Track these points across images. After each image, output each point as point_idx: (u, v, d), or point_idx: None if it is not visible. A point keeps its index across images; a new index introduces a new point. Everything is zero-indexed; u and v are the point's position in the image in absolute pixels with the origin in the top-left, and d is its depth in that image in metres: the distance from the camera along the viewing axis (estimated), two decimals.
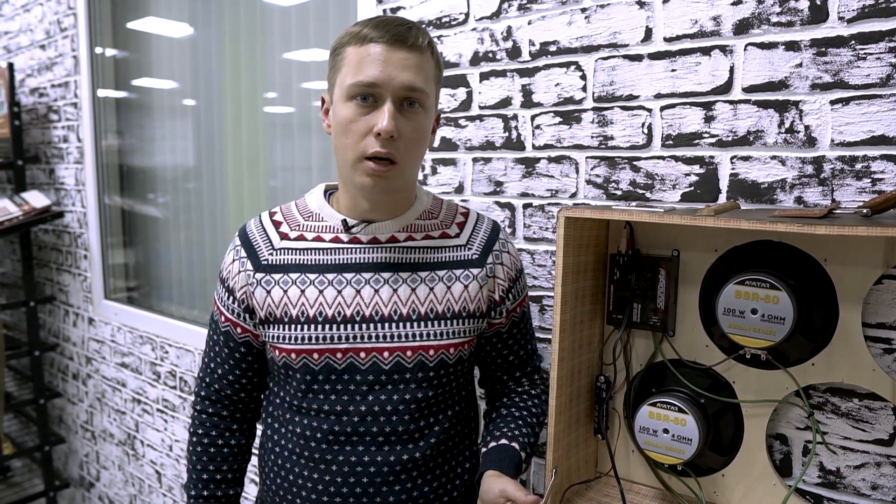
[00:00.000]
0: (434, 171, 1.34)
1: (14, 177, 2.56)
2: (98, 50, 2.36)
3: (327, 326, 0.91)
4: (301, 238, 0.94)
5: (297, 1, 1.72)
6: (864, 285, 0.87)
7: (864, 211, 0.76)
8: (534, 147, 1.19)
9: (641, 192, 1.08)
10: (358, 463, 0.93)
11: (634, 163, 1.08)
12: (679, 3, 1.01)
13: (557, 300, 0.94)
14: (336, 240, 0.93)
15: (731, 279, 0.90)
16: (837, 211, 0.81)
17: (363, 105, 0.84)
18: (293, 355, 0.92)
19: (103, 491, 2.61)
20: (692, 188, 1.03)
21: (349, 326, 0.91)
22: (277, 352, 0.93)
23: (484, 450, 0.97)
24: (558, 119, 1.16)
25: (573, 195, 1.15)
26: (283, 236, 0.95)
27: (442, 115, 1.32)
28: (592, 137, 1.12)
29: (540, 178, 1.19)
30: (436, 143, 1.34)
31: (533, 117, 1.19)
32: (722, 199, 1.01)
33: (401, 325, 0.92)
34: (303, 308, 0.91)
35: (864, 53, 0.88)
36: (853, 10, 0.88)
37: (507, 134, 1.22)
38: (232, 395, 1.03)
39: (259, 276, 0.94)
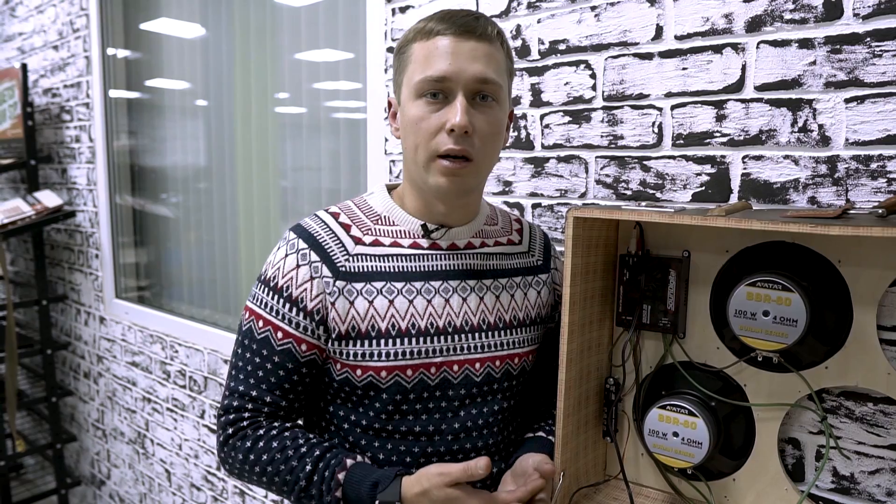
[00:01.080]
0: None
1: (27, 176, 2.59)
2: (110, 51, 2.37)
3: (421, 339, 0.85)
4: (377, 243, 0.87)
5: (307, 1, 1.72)
6: (880, 287, 0.85)
7: (880, 211, 0.74)
8: (543, 146, 1.18)
9: (652, 192, 1.07)
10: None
11: (645, 162, 1.07)
12: (690, 0, 1.00)
13: (566, 301, 0.93)
14: (415, 245, 0.88)
15: (743, 280, 0.89)
16: (852, 211, 0.79)
17: (433, 102, 0.80)
18: (383, 373, 0.84)
19: (114, 489, 2.62)
20: (703, 188, 1.02)
21: (442, 338, 0.86)
22: (359, 371, 0.84)
23: (526, 435, 0.98)
24: (567, 118, 1.15)
25: (582, 195, 1.14)
26: (357, 240, 0.87)
27: None
28: (602, 137, 1.11)
29: (549, 178, 1.18)
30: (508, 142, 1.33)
31: (542, 116, 1.18)
32: (733, 199, 0.99)
33: (490, 334, 0.90)
34: (393, 320, 0.84)
35: (880, 51, 0.86)
36: (869, 7, 0.86)
37: (515, 133, 1.22)
38: (284, 419, 0.88)
39: (340, 284, 0.84)
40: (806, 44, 0.91)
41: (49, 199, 2.47)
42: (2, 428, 2.49)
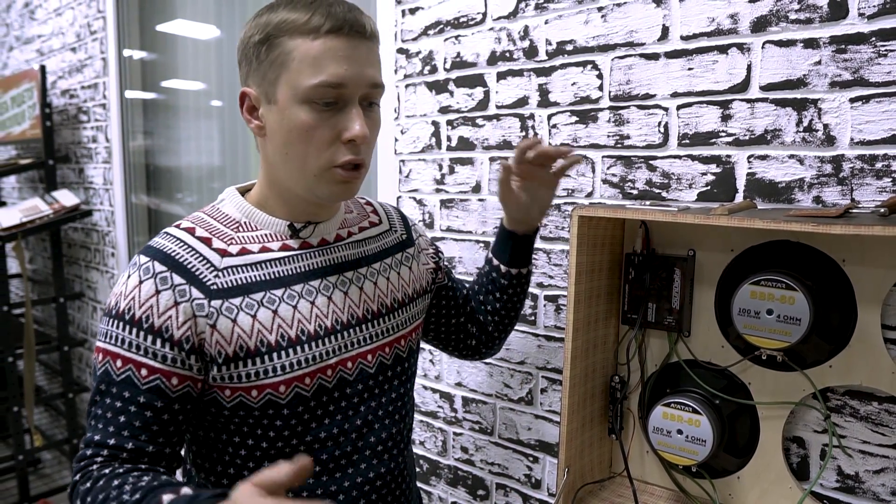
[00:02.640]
0: (451, 171, 1.35)
1: (45, 176, 2.63)
2: (126, 52, 2.41)
3: (313, 344, 0.81)
4: (245, 251, 0.81)
5: None
6: (884, 286, 0.86)
7: (882, 210, 0.74)
8: (550, 146, 1.19)
9: (658, 191, 1.07)
10: (364, 482, 0.86)
11: (651, 162, 1.08)
12: (696, 1, 1.01)
13: (571, 299, 0.94)
14: (286, 247, 0.83)
15: (747, 279, 0.89)
16: (854, 210, 0.80)
17: (325, 110, 0.75)
18: (282, 388, 0.79)
19: None
20: (709, 187, 1.02)
21: (333, 338, 0.83)
22: (255, 391, 0.78)
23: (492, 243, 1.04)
24: (575, 118, 1.16)
25: (589, 194, 1.15)
26: (223, 252, 0.79)
27: (460, 115, 1.33)
28: (609, 136, 1.12)
29: None
30: (454, 143, 1.34)
31: (549, 116, 1.19)
32: (739, 198, 1.00)
33: (375, 322, 0.88)
34: (281, 330, 0.79)
35: (885, 50, 0.86)
36: (874, 7, 0.86)
37: (523, 133, 1.23)
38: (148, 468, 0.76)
39: (216, 303, 0.76)
40: (811, 44, 0.92)
41: (66, 198, 2.52)
42: (20, 424, 2.54)
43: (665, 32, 1.04)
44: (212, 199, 2.18)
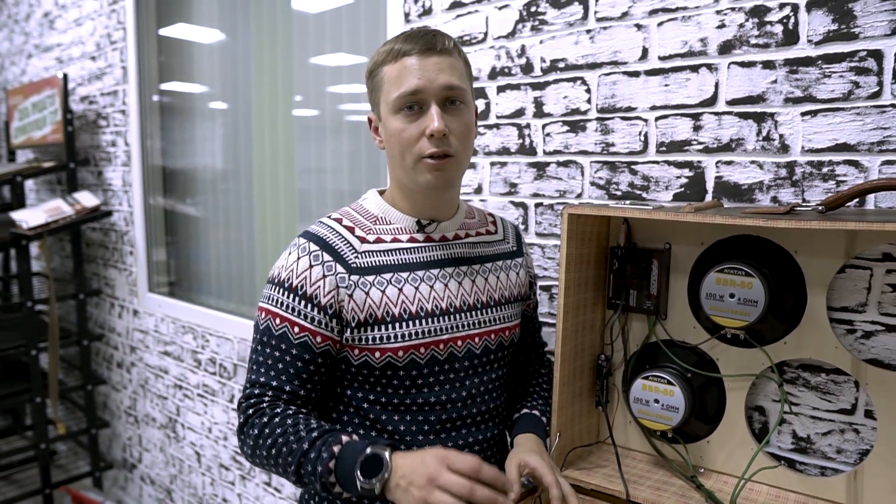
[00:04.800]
0: None
1: (66, 178, 2.77)
2: (145, 59, 2.55)
3: (428, 320, 0.97)
4: (379, 240, 0.99)
5: (333, 5, 1.88)
6: (829, 273, 1.00)
7: (820, 208, 0.89)
8: (544, 152, 1.34)
9: (639, 192, 1.22)
10: (465, 445, 1.02)
11: (632, 166, 1.22)
12: (671, 26, 1.15)
13: (561, 286, 1.08)
14: (413, 240, 1.00)
15: (713, 268, 1.04)
16: (799, 208, 0.94)
17: (410, 114, 0.92)
18: (400, 353, 0.95)
19: (145, 472, 2.80)
20: (682, 189, 1.17)
21: (446, 318, 0.98)
22: (378, 353, 0.95)
23: (516, 415, 1.12)
24: (566, 128, 1.30)
25: (579, 195, 1.30)
26: (363, 240, 0.98)
27: None
28: (596, 144, 1.26)
29: (550, 181, 1.34)
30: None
31: (544, 126, 1.33)
32: (708, 198, 1.14)
33: (483, 311, 1.03)
34: (404, 306, 0.96)
35: (830, 72, 1.01)
36: (820, 35, 1.01)
37: (520, 141, 1.37)
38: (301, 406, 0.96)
39: (355, 277, 0.94)
40: (769, 65, 1.06)
41: (87, 199, 2.65)
42: (43, 414, 2.67)
43: (645, 53, 1.19)
44: (225, 200, 2.32)
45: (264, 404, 0.92)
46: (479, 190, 1.46)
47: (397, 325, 0.95)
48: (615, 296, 1.19)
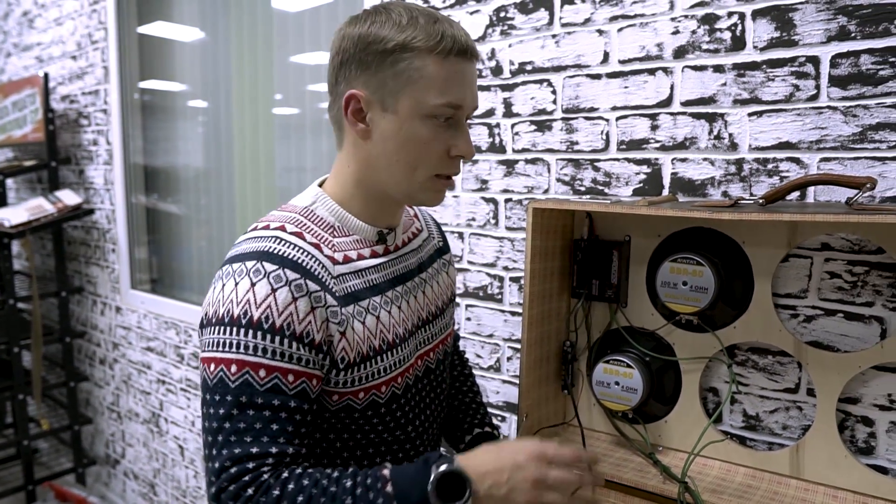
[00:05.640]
0: None
1: (48, 177, 2.79)
2: (125, 58, 2.58)
3: (403, 346, 0.87)
4: (348, 259, 0.84)
5: (311, 4, 1.93)
6: (773, 262, 1.08)
7: (761, 201, 0.97)
8: (513, 150, 1.41)
9: (601, 188, 1.29)
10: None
11: (595, 164, 1.29)
12: (630, 31, 1.23)
13: (527, 276, 1.15)
14: (374, 254, 0.87)
15: (668, 258, 1.11)
16: (743, 202, 1.02)
17: (440, 125, 0.80)
18: (382, 388, 0.84)
19: (128, 467, 2.83)
20: (641, 185, 1.24)
21: (413, 338, 0.90)
22: (362, 394, 0.82)
23: (469, 437, 1.06)
24: (533, 127, 1.37)
25: (546, 191, 1.37)
26: (333, 261, 0.82)
27: None
28: (561, 143, 1.34)
29: (518, 177, 1.41)
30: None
31: (513, 125, 1.40)
32: (665, 193, 1.22)
33: (433, 323, 0.95)
34: (382, 335, 0.83)
35: (773, 75, 1.09)
36: (764, 41, 1.09)
37: (491, 139, 1.44)
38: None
39: (346, 310, 0.80)
40: (719, 69, 1.14)
41: (69, 197, 2.68)
42: (25, 411, 2.69)
43: (606, 57, 1.26)
44: (207, 199, 2.36)
45: (265, 476, 0.71)
46: (451, 187, 1.52)
47: (379, 358, 0.83)
48: (579, 285, 1.26)
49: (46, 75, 2.68)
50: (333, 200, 0.86)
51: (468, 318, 1.53)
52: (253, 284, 0.75)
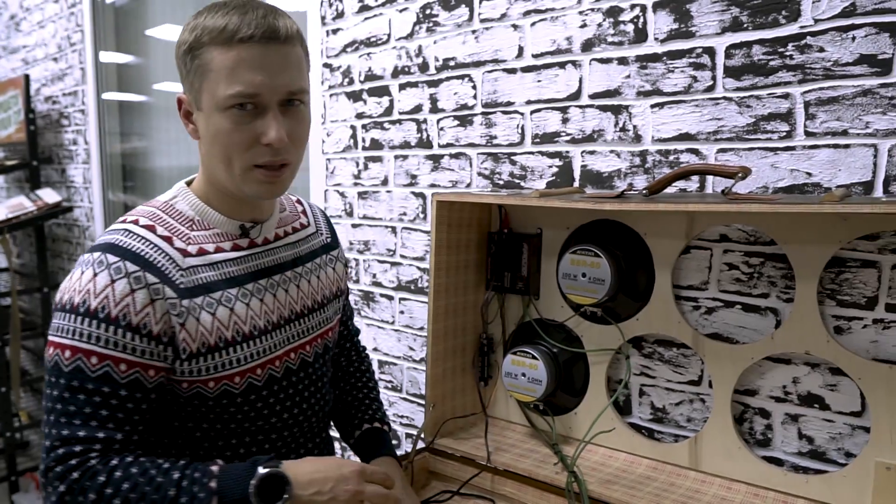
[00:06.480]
0: (366, 167, 1.58)
1: (30, 176, 2.86)
2: (103, 57, 2.64)
3: (263, 338, 0.87)
4: (203, 252, 0.84)
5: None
6: (673, 254, 1.08)
7: (644, 192, 0.97)
8: (439, 146, 1.42)
9: (518, 181, 1.30)
10: (307, 453, 0.96)
11: (512, 157, 1.30)
12: (542, 25, 1.24)
13: (432, 268, 1.16)
14: (237, 248, 0.88)
15: (569, 250, 1.12)
16: (630, 192, 1.02)
17: (242, 113, 0.78)
18: (237, 379, 0.85)
19: None
20: (554, 178, 1.25)
21: (279, 331, 0.90)
22: (212, 383, 0.83)
23: (359, 432, 1.06)
24: (456, 122, 1.38)
25: (468, 185, 1.38)
26: (184, 253, 0.83)
27: (371, 120, 1.56)
28: (481, 137, 1.35)
29: (444, 172, 1.42)
30: (367, 144, 1.58)
31: (438, 121, 1.42)
32: (576, 185, 1.22)
33: (309, 317, 0.95)
34: (236, 327, 0.84)
35: (673, 67, 1.09)
36: (665, 33, 1.09)
37: (419, 135, 1.45)
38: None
39: (186, 302, 0.80)
40: (623, 61, 1.14)
41: (49, 196, 2.74)
42: (8, 404, 2.76)
43: (521, 51, 1.27)
44: None
45: (92, 461, 0.73)
46: (385, 182, 1.54)
47: (231, 349, 0.84)
48: (494, 278, 1.27)
49: (27, 77, 2.75)
50: (196, 195, 0.88)
51: (401, 312, 1.55)
52: (95, 275, 0.77)
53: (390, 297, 1.57)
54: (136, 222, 0.83)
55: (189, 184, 0.91)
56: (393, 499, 0.77)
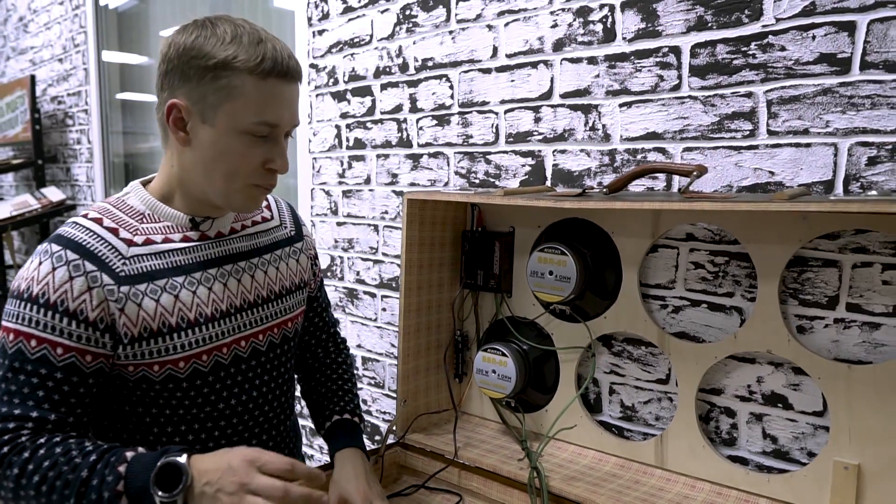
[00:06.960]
0: (350, 166, 1.60)
1: (34, 174, 2.92)
2: (105, 56, 2.69)
3: (210, 325, 0.90)
4: (149, 241, 0.88)
5: (288, 7, 1.99)
6: (640, 252, 1.09)
7: (604, 190, 0.98)
8: (418, 145, 1.44)
9: (492, 180, 1.31)
10: (260, 444, 0.98)
11: (487, 156, 1.31)
12: (516, 26, 1.24)
13: (403, 265, 1.18)
14: (186, 239, 0.91)
15: (536, 248, 1.13)
16: (591, 191, 1.03)
17: (256, 140, 0.84)
18: (181, 364, 0.88)
19: None
20: (527, 176, 1.26)
21: (227, 320, 0.92)
22: (157, 367, 0.87)
23: (329, 424, 1.07)
24: (435, 122, 1.40)
25: (446, 184, 1.39)
26: (129, 242, 0.86)
27: (355, 120, 1.57)
28: (458, 136, 1.36)
29: (423, 171, 1.43)
30: (351, 143, 1.59)
31: (417, 120, 1.43)
32: (548, 184, 1.23)
33: (265, 306, 0.97)
34: (181, 313, 0.87)
35: (641, 66, 1.09)
36: (632, 32, 1.10)
37: (400, 134, 1.47)
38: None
39: (125, 289, 0.83)
40: (592, 60, 1.15)
41: (53, 194, 2.80)
42: None
43: (495, 52, 1.28)
44: None
45: (23, 438, 0.78)
46: (367, 180, 1.56)
47: (175, 335, 0.87)
48: (468, 276, 1.28)
49: (33, 77, 2.80)
50: (150, 193, 0.92)
51: (383, 309, 1.56)
52: (40, 263, 0.82)
53: (373, 295, 1.58)
54: (85, 216, 0.88)
55: (146, 184, 0.94)
56: (283, 490, 0.74)
